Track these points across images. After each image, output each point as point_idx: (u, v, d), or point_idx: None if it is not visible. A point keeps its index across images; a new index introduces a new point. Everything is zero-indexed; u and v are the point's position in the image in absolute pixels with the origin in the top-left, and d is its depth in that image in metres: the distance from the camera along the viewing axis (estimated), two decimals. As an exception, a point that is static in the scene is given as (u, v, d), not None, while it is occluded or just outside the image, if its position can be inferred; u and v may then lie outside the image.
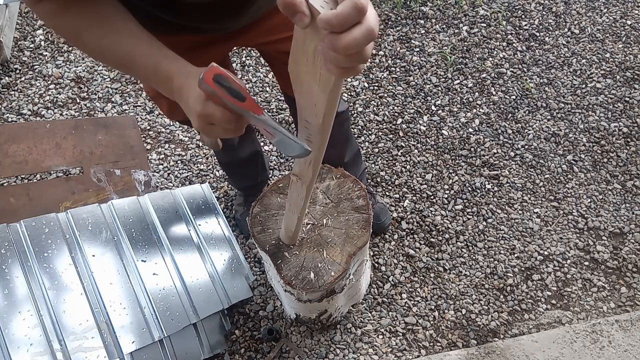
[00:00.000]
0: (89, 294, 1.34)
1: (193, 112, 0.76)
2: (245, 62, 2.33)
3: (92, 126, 2.02)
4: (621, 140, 2.13)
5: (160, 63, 0.80)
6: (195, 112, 0.75)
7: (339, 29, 0.50)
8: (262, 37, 1.12)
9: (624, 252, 1.82)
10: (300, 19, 0.51)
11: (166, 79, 0.80)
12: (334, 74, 0.56)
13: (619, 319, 1.60)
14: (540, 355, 1.51)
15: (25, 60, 2.26)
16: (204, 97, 0.73)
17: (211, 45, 1.08)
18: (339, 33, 0.50)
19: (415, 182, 1.99)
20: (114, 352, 1.29)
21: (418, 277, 1.76)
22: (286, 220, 1.12)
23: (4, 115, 2.07)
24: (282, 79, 1.35)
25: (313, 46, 0.57)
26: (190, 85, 0.75)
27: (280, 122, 2.13)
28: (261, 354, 1.57)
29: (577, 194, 1.97)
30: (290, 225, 1.12)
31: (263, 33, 1.11)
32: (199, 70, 0.76)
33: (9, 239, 1.35)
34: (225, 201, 1.92)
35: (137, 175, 1.91)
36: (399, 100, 2.23)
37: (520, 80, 2.33)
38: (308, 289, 1.17)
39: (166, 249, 1.48)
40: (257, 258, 1.78)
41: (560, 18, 2.59)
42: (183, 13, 0.91)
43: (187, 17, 0.93)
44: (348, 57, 0.52)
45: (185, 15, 0.92)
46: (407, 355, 1.59)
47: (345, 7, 0.49)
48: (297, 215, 1.05)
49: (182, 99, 0.79)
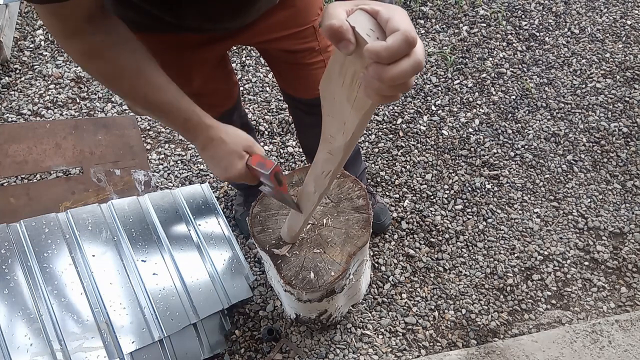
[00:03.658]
0: (89, 294, 1.34)
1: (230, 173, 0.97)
2: (245, 62, 2.33)
3: (92, 126, 2.02)
4: (621, 140, 2.13)
5: (191, 118, 0.93)
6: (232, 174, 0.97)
7: (388, 62, 0.49)
8: (262, 36, 1.13)
9: (624, 252, 1.82)
10: (345, 46, 0.51)
11: (195, 132, 0.94)
12: (374, 100, 0.56)
13: (619, 319, 1.60)
14: (540, 355, 1.51)
15: (25, 60, 2.26)
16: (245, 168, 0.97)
17: (211, 44, 1.09)
18: (386, 64, 0.49)
19: (415, 182, 1.99)
20: (114, 352, 1.29)
21: (418, 277, 1.76)
22: (291, 220, 1.12)
23: (4, 115, 2.07)
24: (281, 78, 1.35)
25: (352, 70, 0.57)
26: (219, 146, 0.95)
27: (280, 122, 2.13)
28: (261, 354, 1.57)
29: (577, 194, 1.97)
30: (294, 226, 1.13)
31: (263, 31, 1.11)
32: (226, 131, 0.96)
33: (9, 239, 1.35)
34: (225, 201, 1.92)
35: (137, 175, 1.91)
36: (399, 100, 2.23)
37: (520, 80, 2.33)
38: (308, 289, 1.17)
39: (166, 249, 1.48)
40: (257, 258, 1.78)
41: (560, 18, 2.59)
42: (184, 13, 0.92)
43: (188, 17, 0.93)
44: (392, 87, 0.51)
45: (186, 15, 0.92)
46: (407, 355, 1.59)
47: (396, 40, 0.48)
48: (303, 218, 1.06)
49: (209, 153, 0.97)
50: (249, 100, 2.20)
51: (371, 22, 0.52)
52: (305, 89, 1.31)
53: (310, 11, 1.15)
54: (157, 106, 0.90)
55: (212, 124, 0.95)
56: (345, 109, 0.64)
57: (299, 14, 1.13)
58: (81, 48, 0.80)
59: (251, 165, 0.97)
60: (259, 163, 0.97)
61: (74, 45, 0.79)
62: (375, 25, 0.52)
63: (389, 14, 0.50)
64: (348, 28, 0.50)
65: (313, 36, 1.18)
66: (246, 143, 0.99)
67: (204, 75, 1.16)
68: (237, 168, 0.96)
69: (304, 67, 1.23)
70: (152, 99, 0.88)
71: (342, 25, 0.50)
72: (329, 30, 0.50)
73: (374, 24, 0.52)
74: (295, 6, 1.11)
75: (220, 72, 1.24)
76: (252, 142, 1.00)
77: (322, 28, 0.51)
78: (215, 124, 0.95)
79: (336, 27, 0.50)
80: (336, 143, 0.72)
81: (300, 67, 1.23)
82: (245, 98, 2.20)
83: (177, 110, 0.91)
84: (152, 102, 0.89)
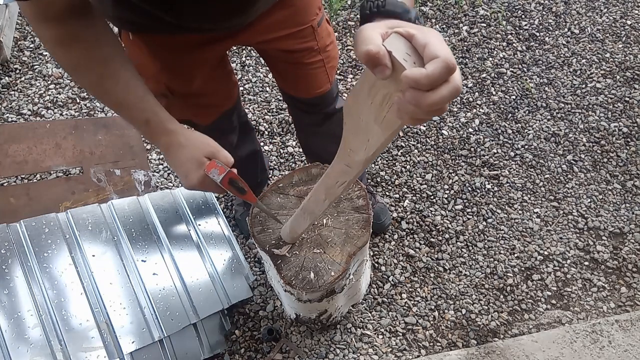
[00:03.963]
0: (89, 294, 1.34)
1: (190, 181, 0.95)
2: (245, 62, 2.33)
3: (92, 126, 2.02)
4: (621, 140, 2.13)
5: (153, 119, 0.91)
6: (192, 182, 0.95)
7: (427, 89, 0.49)
8: (261, 36, 1.13)
9: (624, 252, 1.82)
10: (382, 72, 0.51)
11: (155, 134, 0.93)
12: (406, 122, 0.55)
13: (619, 319, 1.60)
14: (540, 355, 1.51)
15: (25, 60, 2.26)
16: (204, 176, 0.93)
17: (211, 44, 1.09)
18: (425, 91, 0.49)
19: (415, 182, 1.99)
20: (114, 352, 1.29)
21: (418, 277, 1.76)
22: (295, 222, 1.12)
23: (4, 115, 2.06)
24: (280, 77, 1.35)
25: (384, 92, 0.56)
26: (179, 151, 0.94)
27: (280, 122, 2.13)
28: (261, 354, 1.57)
29: (577, 194, 1.97)
30: (297, 228, 1.13)
31: (262, 31, 1.11)
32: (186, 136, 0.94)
33: (9, 239, 1.35)
34: (225, 201, 1.92)
35: (137, 175, 1.91)
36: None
37: (520, 80, 2.33)
38: (308, 289, 1.17)
39: (166, 249, 1.48)
40: (257, 258, 1.78)
41: (560, 18, 2.59)
42: (183, 13, 0.92)
43: (188, 17, 0.93)
44: (428, 112, 0.51)
45: (186, 15, 0.93)
46: (407, 355, 1.59)
47: (437, 68, 0.48)
48: (309, 222, 1.06)
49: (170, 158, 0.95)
50: (249, 100, 2.20)
51: (407, 45, 0.51)
52: (305, 89, 1.31)
53: (309, 11, 1.15)
54: (119, 103, 0.89)
55: (173, 129, 0.92)
56: (372, 127, 0.63)
57: (298, 14, 1.13)
58: (55, 33, 0.80)
59: (206, 173, 0.92)
60: (213, 170, 0.92)
61: (49, 29, 0.79)
62: (411, 49, 0.51)
63: (426, 38, 0.50)
64: (385, 53, 0.49)
65: (312, 36, 1.18)
66: (208, 149, 0.95)
67: (204, 75, 1.16)
68: (196, 176, 0.93)
69: (303, 67, 1.23)
70: (115, 94, 0.88)
71: (380, 51, 0.49)
72: (365, 56, 0.50)
73: (409, 47, 0.51)
74: (295, 6, 1.11)
75: (220, 72, 1.24)
76: (216, 148, 0.96)
77: (358, 53, 0.51)
78: (176, 129, 0.93)
79: (373, 53, 0.49)
80: (356, 157, 0.72)
81: (299, 67, 1.24)
82: (245, 98, 2.20)
83: (139, 110, 0.90)
84: (114, 98, 0.89)
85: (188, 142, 0.94)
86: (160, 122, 0.91)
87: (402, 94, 0.51)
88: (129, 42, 1.08)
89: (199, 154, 0.94)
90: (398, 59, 0.49)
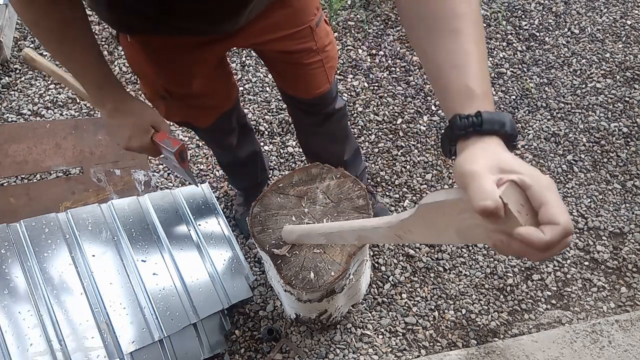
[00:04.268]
0: (89, 294, 1.34)
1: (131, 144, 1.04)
2: (245, 62, 2.33)
3: (92, 126, 2.02)
4: (621, 140, 2.13)
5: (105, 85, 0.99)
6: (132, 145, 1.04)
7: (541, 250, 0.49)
8: (260, 37, 1.13)
9: (624, 252, 1.82)
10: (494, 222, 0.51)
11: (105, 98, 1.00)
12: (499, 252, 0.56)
13: (619, 319, 1.60)
14: (540, 355, 1.51)
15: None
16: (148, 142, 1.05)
17: (208, 46, 1.08)
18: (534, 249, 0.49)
19: (415, 182, 1.99)
20: (114, 352, 1.29)
21: (418, 277, 1.76)
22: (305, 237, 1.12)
23: (4, 115, 2.06)
24: (280, 78, 1.35)
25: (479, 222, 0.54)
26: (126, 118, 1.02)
27: (280, 122, 2.13)
28: (261, 354, 1.57)
29: (577, 194, 1.97)
30: (307, 241, 1.14)
31: (260, 32, 1.11)
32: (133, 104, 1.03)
33: (9, 239, 1.35)
34: (225, 201, 1.92)
35: (137, 175, 1.91)
36: (399, 100, 2.23)
37: (520, 80, 2.33)
38: (308, 289, 1.17)
39: (166, 249, 1.48)
40: (257, 258, 1.78)
41: (560, 18, 2.59)
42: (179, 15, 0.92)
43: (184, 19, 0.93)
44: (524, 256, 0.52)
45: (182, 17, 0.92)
46: (407, 355, 1.59)
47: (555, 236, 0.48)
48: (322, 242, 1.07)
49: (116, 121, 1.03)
50: (249, 100, 2.20)
51: (522, 196, 0.51)
52: (304, 89, 1.30)
53: (307, 11, 1.15)
54: (76, 66, 0.96)
55: (123, 97, 1.02)
56: (448, 232, 0.61)
57: (295, 14, 1.13)
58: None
59: (157, 142, 1.06)
60: (165, 141, 1.06)
61: None
62: (525, 199, 0.51)
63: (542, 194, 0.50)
64: (501, 206, 0.49)
65: (310, 36, 1.18)
66: (153, 119, 1.06)
67: (202, 77, 1.16)
68: (141, 141, 1.05)
69: (303, 67, 1.23)
70: (73, 57, 0.94)
71: (498, 206, 0.49)
72: (483, 212, 0.49)
73: (523, 197, 0.51)
74: (292, 6, 1.11)
75: (220, 73, 1.24)
76: (159, 118, 1.08)
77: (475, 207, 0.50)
78: (126, 97, 1.02)
79: (491, 210, 0.49)
80: (412, 237, 0.70)
81: (298, 67, 1.23)
82: (245, 98, 2.20)
83: (94, 75, 0.97)
84: (72, 60, 0.95)
85: (136, 110, 1.04)
86: (111, 88, 1.00)
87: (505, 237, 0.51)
88: (127, 44, 1.08)
89: (146, 123, 1.05)
90: (512, 211, 0.50)
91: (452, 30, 0.62)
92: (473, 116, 0.57)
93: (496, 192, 0.50)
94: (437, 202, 0.59)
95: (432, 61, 0.64)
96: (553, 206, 0.49)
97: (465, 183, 0.53)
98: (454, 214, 0.58)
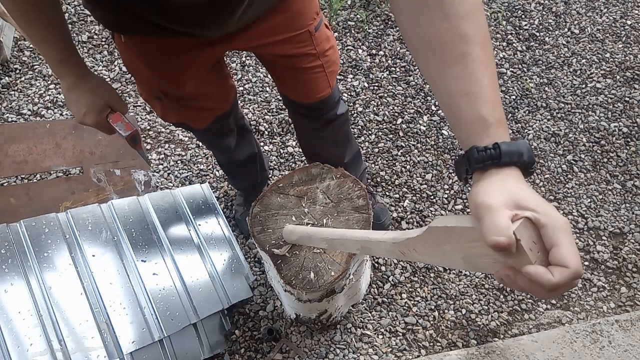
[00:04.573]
0: (89, 294, 1.34)
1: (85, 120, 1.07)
2: (245, 62, 2.33)
3: (92, 126, 2.01)
4: (621, 140, 2.13)
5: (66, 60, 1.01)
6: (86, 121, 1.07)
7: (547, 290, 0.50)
8: (257, 40, 1.12)
9: (624, 252, 1.82)
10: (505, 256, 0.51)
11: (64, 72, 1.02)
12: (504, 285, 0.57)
13: (619, 319, 1.60)
14: (540, 355, 1.51)
15: (25, 60, 2.26)
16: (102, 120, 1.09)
17: (204, 48, 1.08)
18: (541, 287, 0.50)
19: (415, 182, 1.99)
20: (114, 352, 1.29)
21: (418, 277, 1.76)
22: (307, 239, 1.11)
23: (4, 115, 2.07)
24: (280, 81, 1.34)
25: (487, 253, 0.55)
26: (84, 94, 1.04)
27: (280, 122, 2.13)
28: (261, 354, 1.57)
29: (577, 194, 1.97)
30: (308, 243, 1.14)
31: (256, 36, 1.10)
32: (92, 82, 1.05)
33: (9, 239, 1.35)
34: (225, 201, 1.92)
35: (137, 175, 1.91)
36: (399, 100, 2.23)
37: (520, 80, 2.33)
38: (308, 289, 1.17)
39: (166, 249, 1.48)
40: (257, 258, 1.78)
41: (560, 18, 2.59)
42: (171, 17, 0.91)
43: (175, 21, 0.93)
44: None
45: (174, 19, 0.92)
46: (407, 355, 1.59)
47: (564, 279, 0.48)
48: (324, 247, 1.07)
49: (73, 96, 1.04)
50: (249, 100, 2.20)
51: (535, 233, 0.52)
52: (305, 93, 1.30)
53: (306, 15, 1.14)
54: (39, 37, 0.97)
55: (83, 73, 1.04)
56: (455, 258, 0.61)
57: (294, 18, 1.12)
58: None
59: (111, 123, 1.10)
60: (118, 124, 1.10)
61: None
62: (538, 237, 0.52)
63: (555, 235, 0.50)
64: (514, 243, 0.49)
65: (309, 40, 1.17)
66: (110, 99, 1.08)
67: (198, 78, 1.15)
68: (95, 118, 1.07)
69: (302, 72, 1.22)
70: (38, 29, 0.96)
71: (510, 243, 0.49)
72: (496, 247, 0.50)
73: (537, 235, 0.52)
74: (290, 10, 1.10)
75: (215, 76, 1.23)
76: (116, 99, 1.09)
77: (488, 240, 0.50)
78: (86, 74, 1.04)
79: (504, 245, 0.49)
80: (417, 256, 0.69)
81: (298, 71, 1.22)
82: (245, 98, 2.20)
83: (56, 49, 0.98)
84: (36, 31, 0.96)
85: (95, 88, 1.06)
86: (73, 64, 1.02)
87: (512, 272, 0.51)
88: (121, 44, 1.07)
89: (102, 102, 1.07)
90: (524, 248, 0.50)
91: (459, 56, 0.60)
92: (491, 148, 0.57)
93: (510, 228, 0.50)
94: (448, 227, 0.59)
95: (441, 89, 0.63)
96: (565, 248, 0.50)
97: (480, 215, 0.53)
98: (463, 241, 0.57)
